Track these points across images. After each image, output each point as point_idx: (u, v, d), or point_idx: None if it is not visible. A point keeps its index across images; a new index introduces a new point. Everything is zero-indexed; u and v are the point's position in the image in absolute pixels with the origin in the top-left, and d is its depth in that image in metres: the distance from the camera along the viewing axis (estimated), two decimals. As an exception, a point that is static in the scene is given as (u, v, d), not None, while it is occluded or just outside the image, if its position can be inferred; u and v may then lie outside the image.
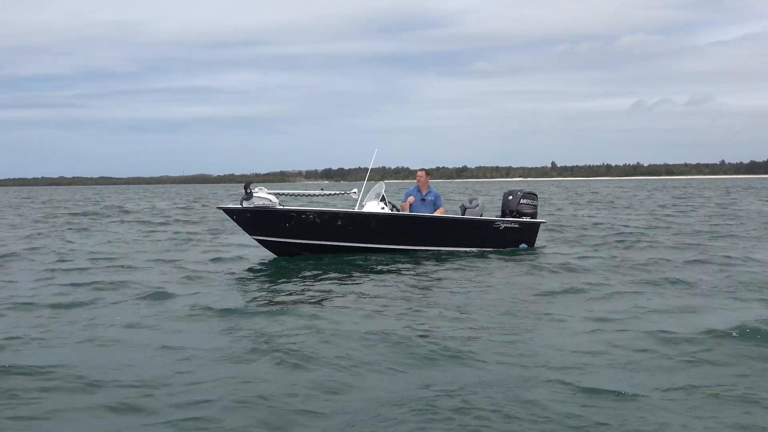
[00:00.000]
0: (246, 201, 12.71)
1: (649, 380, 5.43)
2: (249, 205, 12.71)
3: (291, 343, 6.35)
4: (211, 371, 5.68)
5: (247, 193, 12.66)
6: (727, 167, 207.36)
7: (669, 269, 11.13)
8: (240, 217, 12.93)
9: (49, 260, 13.14)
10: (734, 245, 14.52)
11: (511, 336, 6.82)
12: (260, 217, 12.74)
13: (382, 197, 13.35)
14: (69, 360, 6.02)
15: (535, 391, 5.13)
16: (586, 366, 5.81)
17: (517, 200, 14.34)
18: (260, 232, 12.94)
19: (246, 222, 12.97)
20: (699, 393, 5.11)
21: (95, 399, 5.10)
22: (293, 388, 5.24)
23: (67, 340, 6.76)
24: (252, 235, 13.15)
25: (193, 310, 8.02)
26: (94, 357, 6.13)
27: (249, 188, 12.70)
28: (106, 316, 7.89)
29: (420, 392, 5.15)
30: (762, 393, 5.12)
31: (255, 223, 12.86)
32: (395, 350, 6.20)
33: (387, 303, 8.54)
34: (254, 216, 12.77)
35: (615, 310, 7.99)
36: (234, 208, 12.99)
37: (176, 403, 4.98)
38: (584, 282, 9.95)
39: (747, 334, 6.54)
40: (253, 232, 13.05)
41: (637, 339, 6.63)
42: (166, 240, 17.41)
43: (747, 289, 9.25)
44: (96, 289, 9.69)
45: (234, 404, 4.90)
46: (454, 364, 5.83)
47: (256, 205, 12.69)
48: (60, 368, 5.74)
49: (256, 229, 12.94)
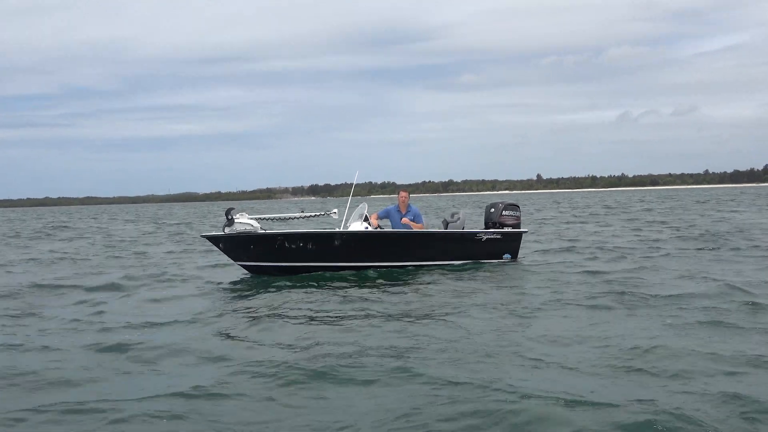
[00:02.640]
0: (228, 227, 12.78)
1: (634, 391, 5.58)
2: (231, 232, 12.77)
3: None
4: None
5: (229, 220, 12.73)
6: (711, 177, 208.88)
7: (646, 285, 11.31)
8: (223, 244, 13.01)
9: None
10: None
11: (495, 346, 6.94)
12: (244, 243, 12.77)
13: (365, 217, 13.49)
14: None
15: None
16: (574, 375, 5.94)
17: (500, 212, 14.46)
18: (246, 257, 12.99)
19: (230, 249, 13.03)
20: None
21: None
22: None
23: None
24: (237, 262, 13.22)
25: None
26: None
27: (230, 215, 12.78)
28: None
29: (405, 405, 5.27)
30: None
31: (239, 249, 12.91)
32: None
33: (364, 317, 8.65)
34: (237, 242, 12.81)
35: (592, 323, 8.14)
36: (217, 236, 13.08)
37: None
38: (562, 293, 10.10)
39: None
40: (238, 258, 13.12)
41: (618, 353, 6.78)
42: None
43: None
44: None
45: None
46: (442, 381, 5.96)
47: (239, 231, 12.76)
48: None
49: (242, 256, 13.00)
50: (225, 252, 13.22)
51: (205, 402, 5.39)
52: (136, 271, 14.53)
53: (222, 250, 13.23)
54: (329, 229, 13.56)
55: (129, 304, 10.33)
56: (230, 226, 12.76)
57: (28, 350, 7.27)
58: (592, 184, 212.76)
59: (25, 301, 10.71)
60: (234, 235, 12.75)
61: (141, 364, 6.64)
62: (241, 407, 5.29)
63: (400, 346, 6.96)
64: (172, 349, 7.12)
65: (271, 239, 12.76)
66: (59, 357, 6.93)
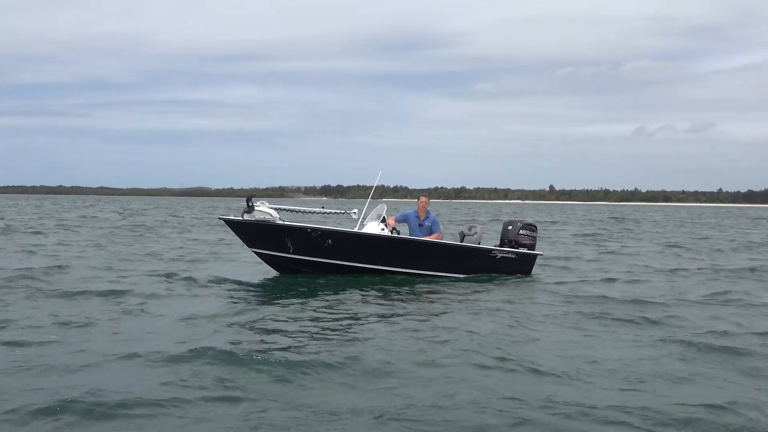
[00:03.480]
0: (247, 214, 13.06)
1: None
2: (250, 218, 13.07)
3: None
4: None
5: (249, 206, 13.00)
6: (724, 195, 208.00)
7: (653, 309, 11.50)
8: (240, 229, 13.32)
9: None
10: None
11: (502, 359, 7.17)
12: (261, 230, 13.08)
13: (382, 218, 13.67)
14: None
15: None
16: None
17: (517, 230, 14.49)
18: (260, 245, 13.32)
19: (246, 234, 13.34)
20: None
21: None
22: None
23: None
24: (251, 248, 13.54)
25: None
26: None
27: (250, 201, 13.04)
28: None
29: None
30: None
31: (255, 236, 13.23)
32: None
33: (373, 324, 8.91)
34: (255, 229, 13.11)
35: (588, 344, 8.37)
36: (234, 220, 13.33)
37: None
38: (573, 311, 10.33)
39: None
40: (252, 244, 13.44)
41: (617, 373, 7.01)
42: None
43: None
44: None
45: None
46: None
47: (257, 219, 13.07)
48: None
49: (256, 242, 13.32)
50: (242, 237, 13.50)
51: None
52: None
53: (237, 234, 13.50)
54: (346, 228, 13.73)
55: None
56: (249, 213, 13.05)
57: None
58: (604, 197, 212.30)
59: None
60: (262, 222, 13.00)
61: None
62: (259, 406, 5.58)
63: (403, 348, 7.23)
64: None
65: (296, 231, 13.02)
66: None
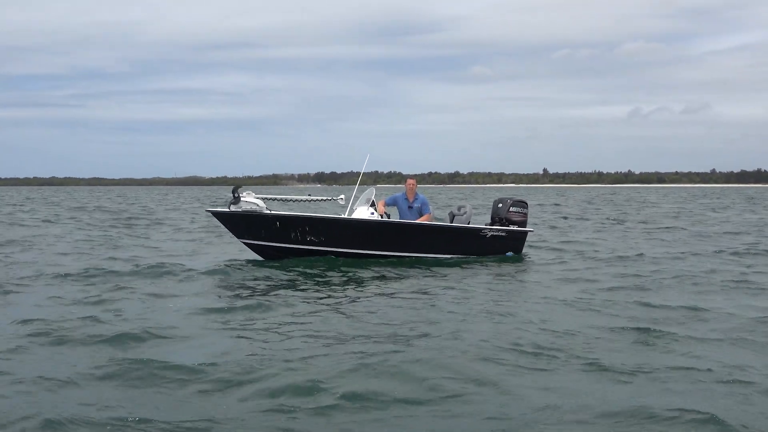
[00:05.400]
0: (234, 205, 13.08)
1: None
2: (237, 209, 13.09)
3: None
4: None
5: (235, 198, 13.04)
6: (717, 176, 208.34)
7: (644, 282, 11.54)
8: (228, 220, 13.32)
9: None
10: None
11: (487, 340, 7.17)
12: (248, 221, 13.10)
13: (372, 203, 13.68)
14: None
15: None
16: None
17: (507, 208, 14.54)
18: (248, 235, 13.32)
19: (234, 226, 13.35)
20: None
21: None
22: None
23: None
24: (240, 239, 13.56)
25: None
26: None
27: (237, 192, 13.09)
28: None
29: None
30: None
31: (243, 226, 13.23)
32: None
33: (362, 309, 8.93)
34: (242, 220, 13.13)
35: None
36: (222, 212, 13.39)
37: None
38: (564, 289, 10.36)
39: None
40: (241, 235, 13.46)
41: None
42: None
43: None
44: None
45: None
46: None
47: (244, 210, 13.08)
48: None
49: (244, 233, 13.33)
50: (230, 229, 13.55)
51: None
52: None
53: (226, 225, 13.57)
54: (333, 215, 13.74)
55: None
56: (236, 204, 13.06)
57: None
58: (598, 180, 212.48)
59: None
60: (249, 213, 13.02)
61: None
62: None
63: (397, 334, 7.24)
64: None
65: (276, 220, 13.02)
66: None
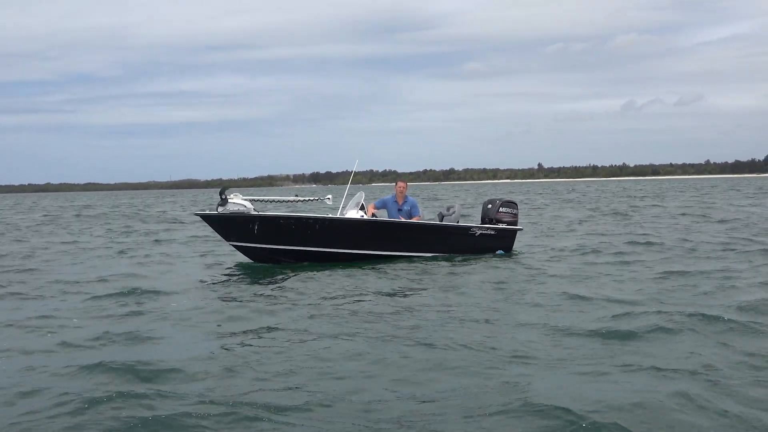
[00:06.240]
0: (221, 207, 13.13)
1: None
2: (224, 212, 13.12)
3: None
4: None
5: (222, 200, 13.09)
6: (712, 167, 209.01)
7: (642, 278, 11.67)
8: (215, 223, 13.38)
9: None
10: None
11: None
12: (234, 222, 13.11)
13: (361, 206, 13.78)
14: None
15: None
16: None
17: (496, 209, 14.66)
18: (236, 238, 13.34)
19: (221, 228, 13.40)
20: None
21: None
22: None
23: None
24: (228, 241, 13.60)
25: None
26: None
27: (224, 194, 13.15)
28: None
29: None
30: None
31: (230, 228, 13.26)
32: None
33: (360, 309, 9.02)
34: (229, 222, 13.17)
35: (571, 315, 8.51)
36: (209, 215, 13.46)
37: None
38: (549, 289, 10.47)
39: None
40: (229, 237, 13.50)
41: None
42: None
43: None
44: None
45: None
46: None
47: (231, 211, 13.10)
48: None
49: (232, 235, 13.36)
50: (218, 231, 13.59)
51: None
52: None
53: (214, 228, 13.63)
54: (321, 214, 13.79)
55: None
56: (223, 206, 13.11)
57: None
58: (592, 174, 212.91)
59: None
60: (235, 215, 13.05)
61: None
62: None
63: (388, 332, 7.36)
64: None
65: (273, 221, 13.05)
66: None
